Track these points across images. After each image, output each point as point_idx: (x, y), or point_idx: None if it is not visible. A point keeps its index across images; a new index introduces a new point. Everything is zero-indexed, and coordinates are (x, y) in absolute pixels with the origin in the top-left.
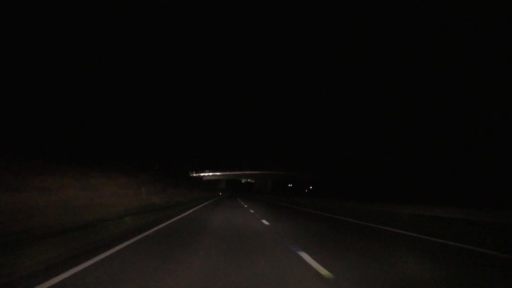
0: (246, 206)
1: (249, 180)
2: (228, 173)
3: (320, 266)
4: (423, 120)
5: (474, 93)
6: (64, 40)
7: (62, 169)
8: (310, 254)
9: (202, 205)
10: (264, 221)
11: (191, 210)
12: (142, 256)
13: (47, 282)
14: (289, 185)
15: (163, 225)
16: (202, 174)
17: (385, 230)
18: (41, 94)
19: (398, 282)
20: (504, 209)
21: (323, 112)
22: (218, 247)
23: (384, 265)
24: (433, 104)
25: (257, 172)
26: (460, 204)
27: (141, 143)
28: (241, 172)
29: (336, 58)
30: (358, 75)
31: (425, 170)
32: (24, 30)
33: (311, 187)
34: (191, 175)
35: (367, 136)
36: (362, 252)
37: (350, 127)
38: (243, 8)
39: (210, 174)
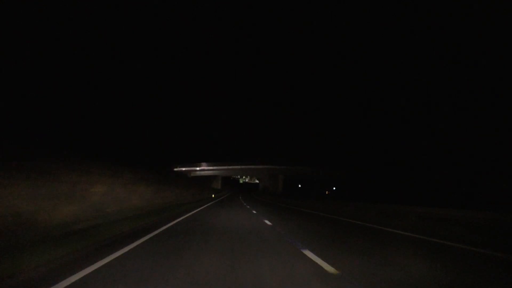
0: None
1: (247, 180)
2: (225, 167)
3: None
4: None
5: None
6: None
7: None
8: None
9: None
10: None
11: None
12: None
13: None
14: (299, 186)
15: None
16: (190, 169)
17: None
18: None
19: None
20: None
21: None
22: None
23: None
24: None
25: (263, 166)
26: None
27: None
28: (242, 167)
29: (336, 58)
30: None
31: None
32: (25, 31)
33: (334, 188)
34: (175, 169)
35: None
36: None
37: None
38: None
39: (200, 168)
